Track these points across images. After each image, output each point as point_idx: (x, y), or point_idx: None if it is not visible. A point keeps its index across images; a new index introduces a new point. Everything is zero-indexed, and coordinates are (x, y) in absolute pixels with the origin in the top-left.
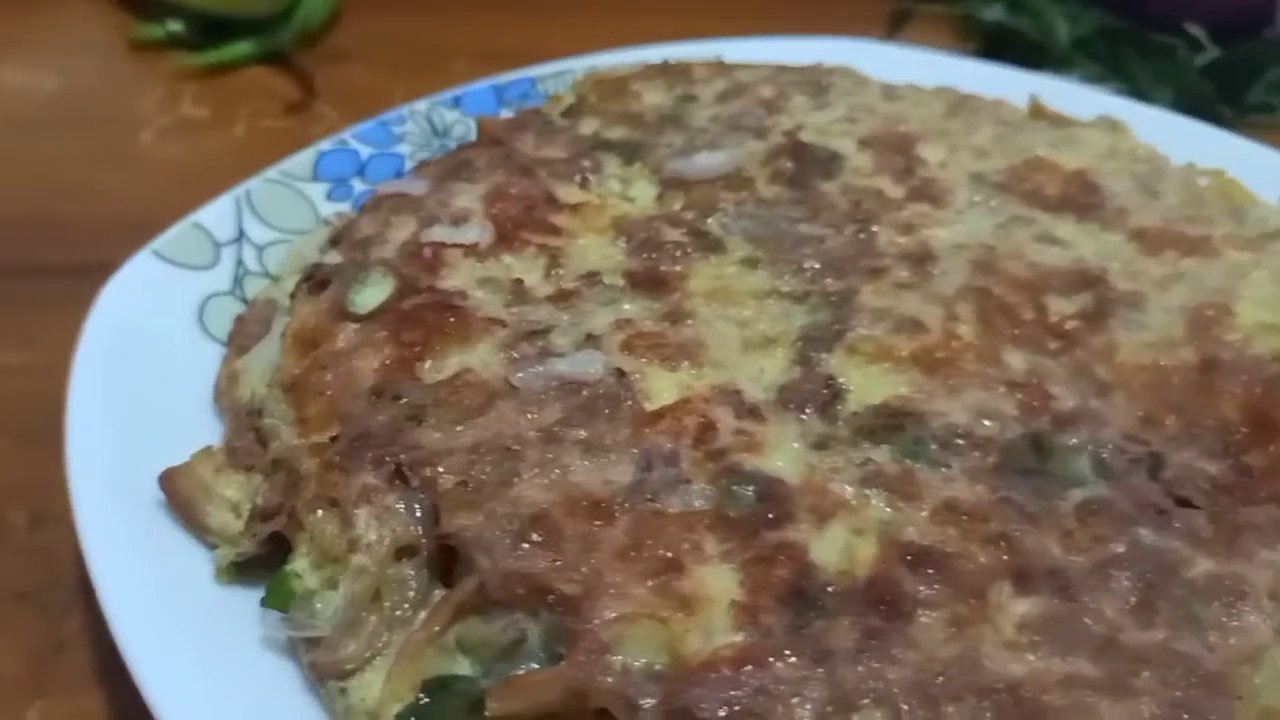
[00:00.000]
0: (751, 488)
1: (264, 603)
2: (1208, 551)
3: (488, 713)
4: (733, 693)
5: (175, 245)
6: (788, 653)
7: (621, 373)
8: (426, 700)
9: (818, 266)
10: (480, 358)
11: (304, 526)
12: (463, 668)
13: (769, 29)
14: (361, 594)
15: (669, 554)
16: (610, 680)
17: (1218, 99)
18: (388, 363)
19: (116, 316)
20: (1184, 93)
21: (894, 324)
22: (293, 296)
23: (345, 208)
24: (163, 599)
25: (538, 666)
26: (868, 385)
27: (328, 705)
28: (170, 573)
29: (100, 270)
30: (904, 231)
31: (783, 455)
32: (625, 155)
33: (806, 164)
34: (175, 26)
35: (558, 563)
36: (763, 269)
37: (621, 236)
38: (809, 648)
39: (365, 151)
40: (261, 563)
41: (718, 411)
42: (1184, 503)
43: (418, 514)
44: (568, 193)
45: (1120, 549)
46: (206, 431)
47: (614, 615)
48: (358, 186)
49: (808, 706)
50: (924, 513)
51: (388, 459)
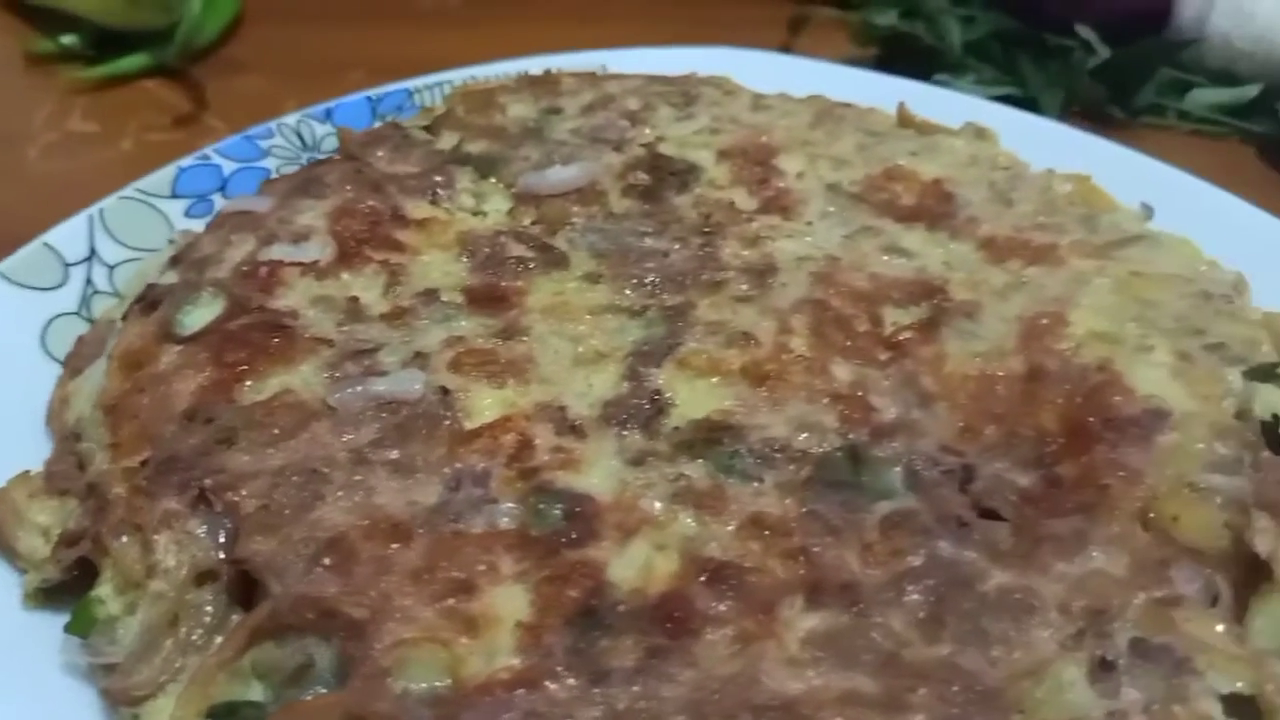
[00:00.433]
0: (560, 506)
1: (67, 629)
2: (1004, 564)
3: None
4: (504, 715)
5: (22, 266)
6: (565, 673)
7: (445, 391)
8: None
9: (659, 281)
10: (302, 378)
11: (109, 552)
12: (256, 693)
13: (670, 36)
14: (158, 620)
15: (462, 575)
16: (385, 705)
17: (1109, 101)
18: (205, 385)
19: None
20: (1075, 95)
21: (727, 338)
22: (124, 317)
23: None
24: None
25: (325, 691)
26: (694, 399)
27: None
28: None
29: None
30: (750, 244)
31: (598, 472)
32: (482, 169)
33: (662, 176)
34: (70, 40)
35: (348, 587)
36: (604, 284)
37: (466, 252)
38: (588, 668)
39: (229, 167)
40: (72, 588)
41: (538, 429)
42: (991, 514)
43: (220, 539)
44: (416, 208)
45: (917, 562)
46: (38, 455)
47: (396, 639)
48: (219, 203)
49: None
50: (729, 528)
51: (192, 483)
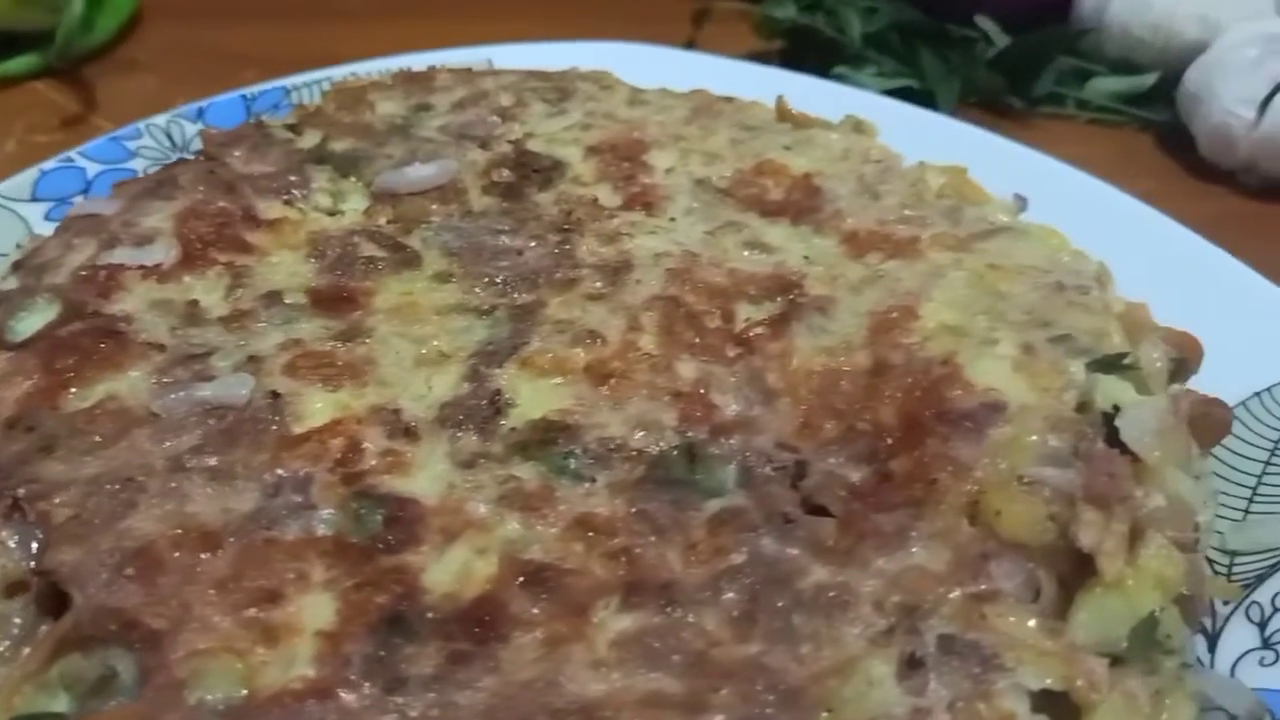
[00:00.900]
0: (381, 512)
1: None
2: (825, 560)
3: None
4: None
5: None
6: (361, 682)
7: (275, 395)
8: None
9: (511, 279)
10: (130, 384)
11: None
12: (61, 704)
13: (576, 30)
14: None
15: (269, 584)
16: (178, 716)
17: (1008, 91)
18: (30, 392)
19: None
20: (974, 86)
21: (573, 336)
22: None
23: None
24: None
25: (127, 701)
26: (535, 399)
27: None
28: None
29: None
30: (608, 241)
31: (426, 475)
32: (342, 168)
33: (526, 174)
34: None
35: (149, 597)
36: (454, 283)
37: (315, 253)
38: (385, 676)
39: (93, 169)
40: None
41: (369, 432)
42: (821, 510)
43: (31, 549)
44: (269, 209)
45: (740, 560)
46: None
47: (191, 650)
48: None
49: None
50: (555, 529)
51: (6, 493)
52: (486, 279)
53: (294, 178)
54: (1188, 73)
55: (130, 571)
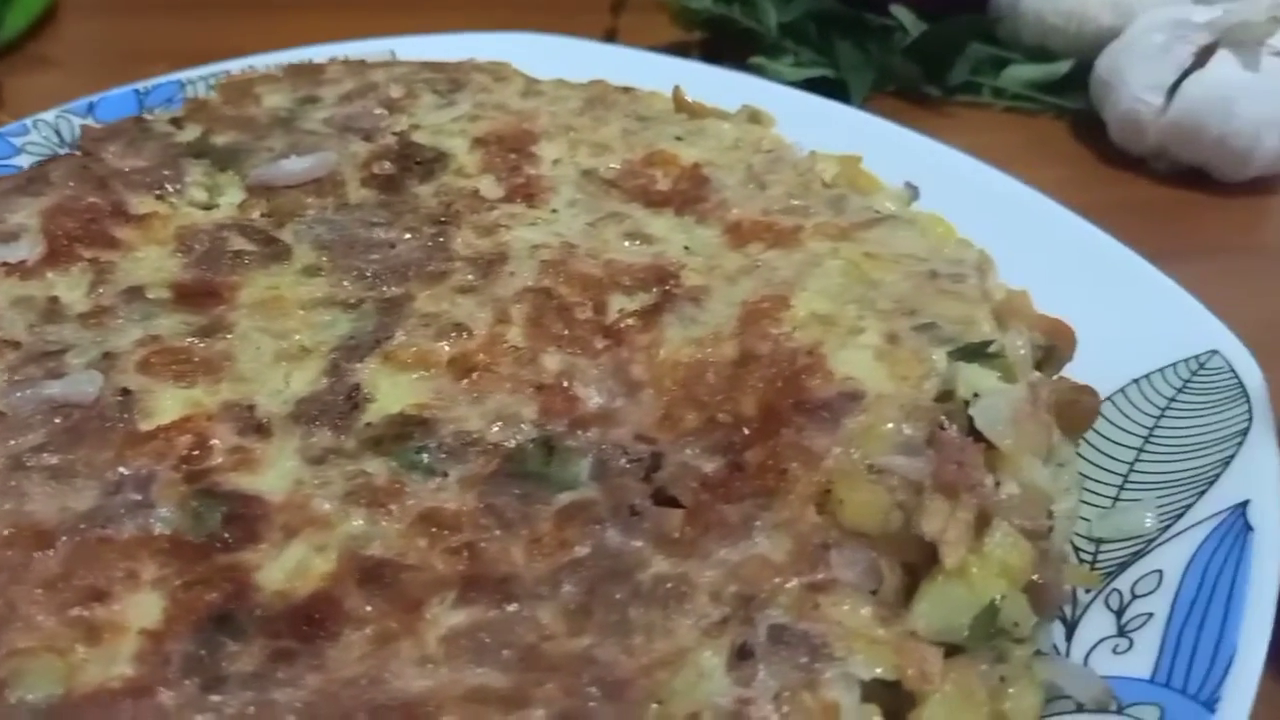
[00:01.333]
0: (222, 510)
1: None
2: (668, 552)
3: None
4: None
5: None
6: (180, 680)
7: (126, 392)
8: None
9: (381, 272)
10: None
11: None
12: None
13: (496, 22)
14: None
15: (97, 583)
16: None
17: (924, 80)
18: None
19: None
20: (891, 75)
21: (438, 330)
22: None
23: None
24: None
25: None
26: (394, 394)
27: None
28: None
29: None
30: (485, 234)
31: (275, 472)
32: (221, 162)
33: (408, 165)
34: None
35: None
36: (323, 277)
37: (183, 248)
38: (205, 674)
39: None
40: None
41: (219, 429)
42: (672, 502)
43: None
44: (141, 203)
45: (584, 552)
46: None
47: (12, 649)
48: None
49: None
50: (400, 525)
51: None
52: (356, 272)
53: (168, 172)
54: (1099, 60)
55: None
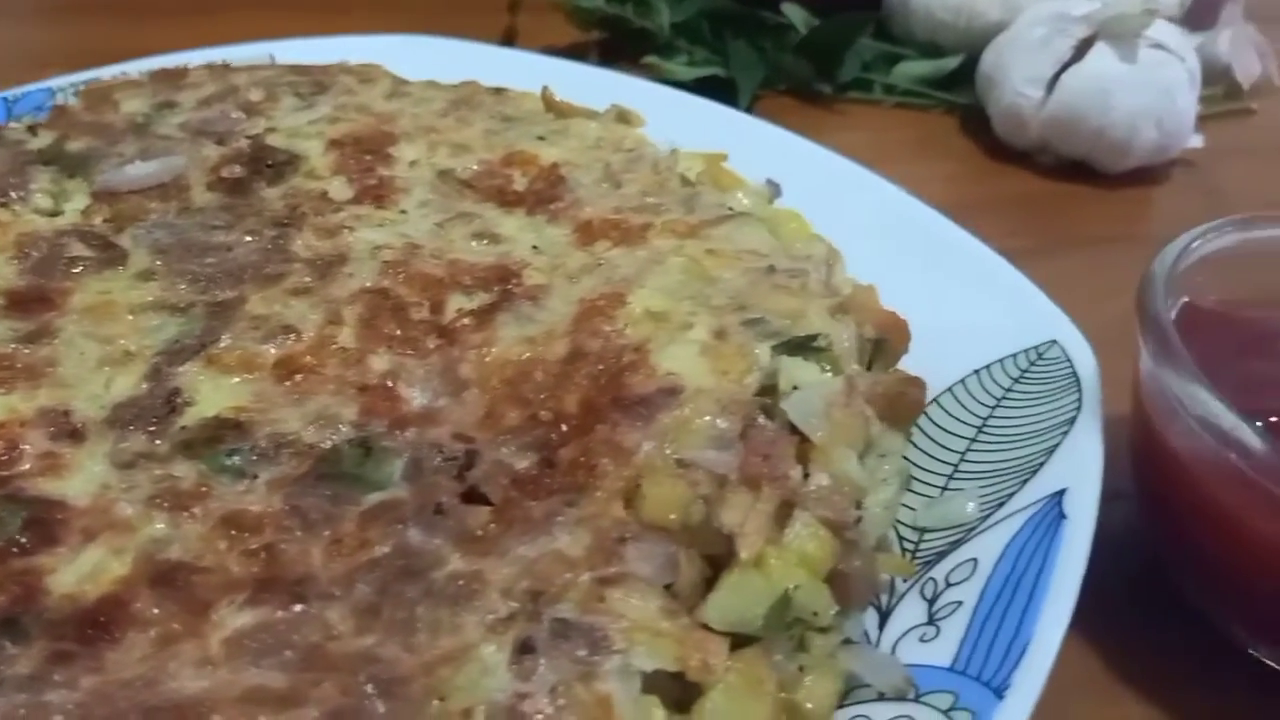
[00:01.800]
0: (23, 514)
1: None
2: (466, 550)
3: None
4: None
5: None
6: None
7: None
8: None
9: (215, 276)
10: None
11: None
12: None
13: (405, 25)
14: None
15: None
16: None
17: (815, 77)
18: None
19: None
20: (782, 73)
21: (266, 333)
22: None
23: None
24: None
25: None
26: (215, 398)
27: None
28: None
29: None
30: (326, 235)
31: (82, 477)
32: (70, 168)
33: (258, 168)
34: None
35: None
36: (156, 281)
37: (21, 254)
38: None
39: None
40: None
41: (32, 435)
42: (482, 500)
43: None
44: None
45: (384, 552)
46: None
47: None
48: None
49: None
50: (201, 528)
51: None
52: (190, 276)
53: (14, 179)
54: (984, 55)
55: None
